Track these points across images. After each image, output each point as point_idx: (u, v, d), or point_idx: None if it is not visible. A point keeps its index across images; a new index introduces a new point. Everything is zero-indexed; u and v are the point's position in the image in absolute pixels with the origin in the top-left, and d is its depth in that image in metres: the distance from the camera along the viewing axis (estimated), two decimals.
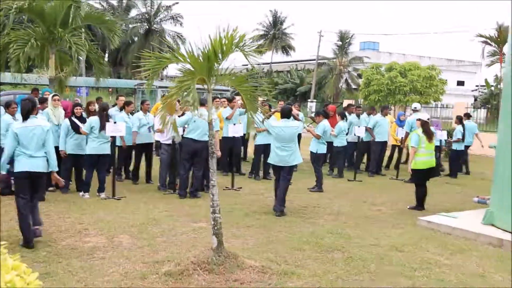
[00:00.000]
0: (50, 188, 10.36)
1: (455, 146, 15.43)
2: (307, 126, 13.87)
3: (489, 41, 44.51)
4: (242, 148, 15.26)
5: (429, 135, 10.05)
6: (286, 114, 9.77)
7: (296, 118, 10.86)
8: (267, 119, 10.13)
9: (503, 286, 5.90)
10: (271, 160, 9.72)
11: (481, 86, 54.67)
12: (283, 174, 9.54)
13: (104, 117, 10.20)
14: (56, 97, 10.90)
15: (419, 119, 10.51)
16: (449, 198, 11.61)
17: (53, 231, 7.58)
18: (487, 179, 13.86)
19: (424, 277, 6.10)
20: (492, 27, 41.09)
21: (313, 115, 14.22)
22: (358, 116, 15.50)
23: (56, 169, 7.27)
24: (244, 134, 12.58)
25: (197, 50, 6.15)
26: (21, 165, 6.87)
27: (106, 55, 55.20)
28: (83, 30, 17.32)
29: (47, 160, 7.07)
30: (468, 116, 16.50)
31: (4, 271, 2.10)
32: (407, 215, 9.52)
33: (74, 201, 9.68)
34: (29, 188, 6.94)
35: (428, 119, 10.44)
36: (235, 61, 6.85)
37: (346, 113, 15.07)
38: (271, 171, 13.43)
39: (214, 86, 6.56)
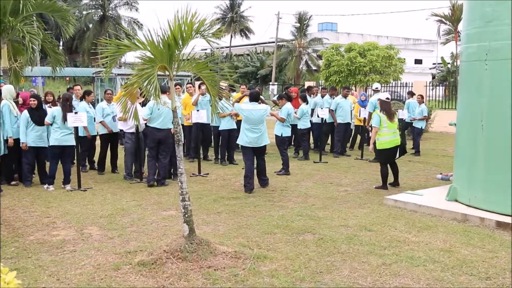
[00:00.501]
0: (13, 182, 10.23)
1: (420, 125, 15.72)
2: (271, 109, 13.89)
3: (443, 20, 45.19)
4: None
5: (389, 114, 10.18)
6: (254, 97, 10.21)
7: (263, 102, 10.99)
8: (236, 103, 10.65)
9: (470, 259, 6.06)
10: (242, 141, 10.07)
11: (438, 64, 55.62)
12: (259, 156, 10.17)
13: (67, 107, 10.02)
14: None
15: (379, 99, 10.65)
16: (413, 176, 11.82)
17: (20, 225, 7.44)
18: (449, 156, 14.22)
19: (394, 254, 6.21)
20: (446, 5, 41.49)
21: (275, 98, 14.25)
22: (322, 97, 15.64)
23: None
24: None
25: (156, 37, 6.06)
26: None
27: (61, 43, 54.07)
28: (34, 18, 16.89)
29: None
30: (412, 94, 16.96)
31: None
32: (374, 195, 9.66)
33: (38, 195, 9.52)
34: None
35: (387, 98, 10.55)
36: (195, 46, 6.82)
37: (307, 96, 15.14)
38: (236, 156, 13.48)
39: (176, 73, 6.50)
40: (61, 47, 50.55)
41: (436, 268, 5.77)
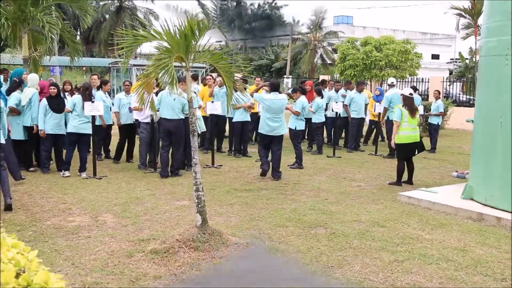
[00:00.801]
0: (31, 169, 10.40)
1: (436, 121, 15.63)
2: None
3: (463, 13, 44.51)
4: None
5: (411, 110, 10.08)
6: (275, 87, 10.58)
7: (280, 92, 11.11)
8: (255, 93, 11.01)
9: (485, 259, 5.98)
10: (262, 130, 10.41)
11: (456, 59, 55.01)
12: (276, 145, 10.49)
13: (86, 96, 10.12)
14: None
15: (402, 94, 10.56)
16: (428, 173, 11.72)
17: (37, 211, 7.58)
18: (465, 153, 14.09)
19: (406, 251, 6.17)
20: None
21: (289, 91, 14.24)
22: (337, 91, 15.60)
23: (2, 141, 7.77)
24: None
25: (173, 27, 6.10)
26: None
27: (78, 33, 54.34)
28: (53, 8, 16.99)
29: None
30: (415, 89, 16.92)
31: (5, 249, 2.10)
32: (387, 191, 9.61)
33: (55, 181, 9.66)
34: None
35: (410, 94, 10.45)
36: (210, 38, 6.84)
37: (322, 89, 15.09)
38: (249, 149, 13.50)
39: (192, 64, 6.53)
40: (78, 37, 50.84)
41: (449, 267, 5.70)
